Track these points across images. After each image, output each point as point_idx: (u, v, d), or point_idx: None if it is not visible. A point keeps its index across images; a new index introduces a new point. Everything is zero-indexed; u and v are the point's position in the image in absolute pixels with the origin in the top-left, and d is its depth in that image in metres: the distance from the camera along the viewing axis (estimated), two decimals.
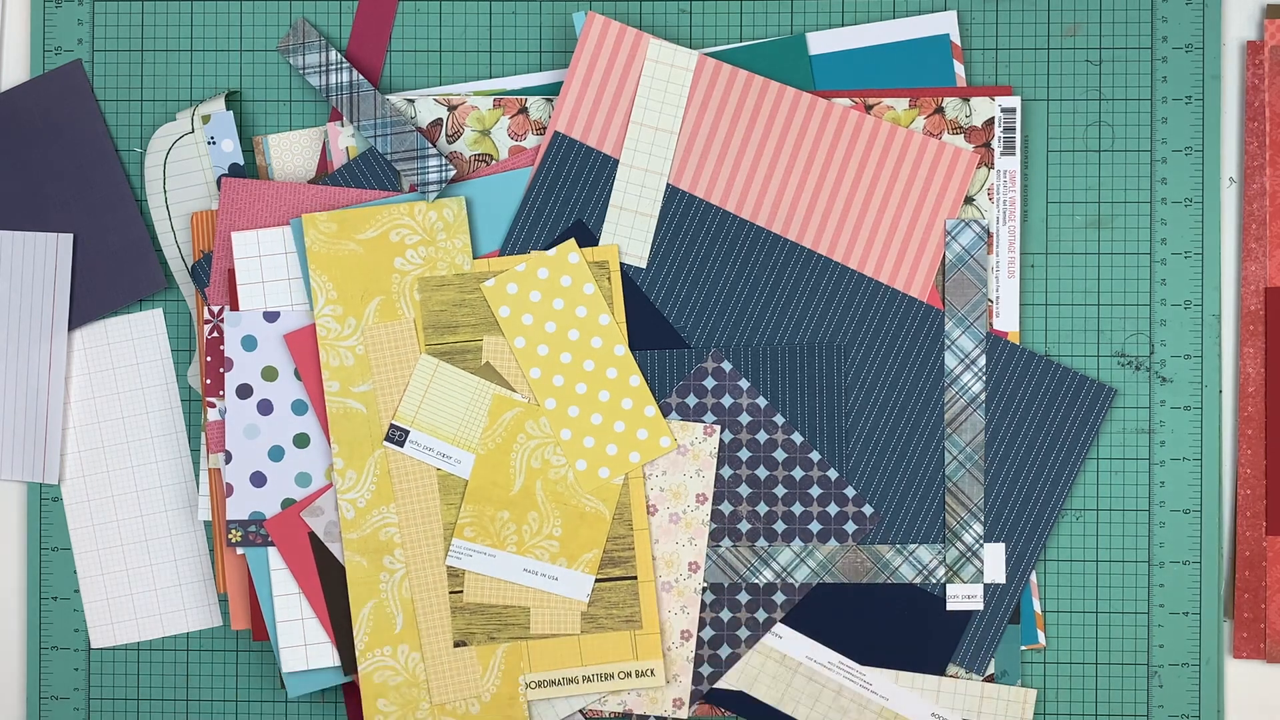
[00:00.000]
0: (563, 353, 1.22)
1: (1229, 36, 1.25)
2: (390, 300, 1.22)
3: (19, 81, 1.27)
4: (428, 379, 1.22)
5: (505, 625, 1.22)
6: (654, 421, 1.22)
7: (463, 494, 1.22)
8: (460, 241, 1.22)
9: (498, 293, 1.22)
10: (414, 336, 1.23)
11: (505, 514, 1.22)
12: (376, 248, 1.22)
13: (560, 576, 1.22)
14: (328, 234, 1.22)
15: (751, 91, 1.23)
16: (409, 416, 1.22)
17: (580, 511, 1.22)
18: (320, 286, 1.22)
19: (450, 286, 1.23)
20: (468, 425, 1.22)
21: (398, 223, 1.22)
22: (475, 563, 1.22)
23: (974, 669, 1.23)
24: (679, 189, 1.23)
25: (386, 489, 1.22)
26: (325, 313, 1.22)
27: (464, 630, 1.22)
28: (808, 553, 1.23)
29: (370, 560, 1.22)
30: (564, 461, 1.22)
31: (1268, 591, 1.23)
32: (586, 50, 1.23)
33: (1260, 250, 1.24)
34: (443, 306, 1.23)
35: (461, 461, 1.22)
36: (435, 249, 1.22)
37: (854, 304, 1.23)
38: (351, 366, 1.22)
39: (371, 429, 1.22)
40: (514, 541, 1.22)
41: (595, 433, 1.22)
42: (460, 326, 1.23)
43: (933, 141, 1.23)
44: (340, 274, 1.22)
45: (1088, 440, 1.23)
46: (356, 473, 1.22)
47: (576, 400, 1.22)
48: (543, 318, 1.23)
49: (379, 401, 1.22)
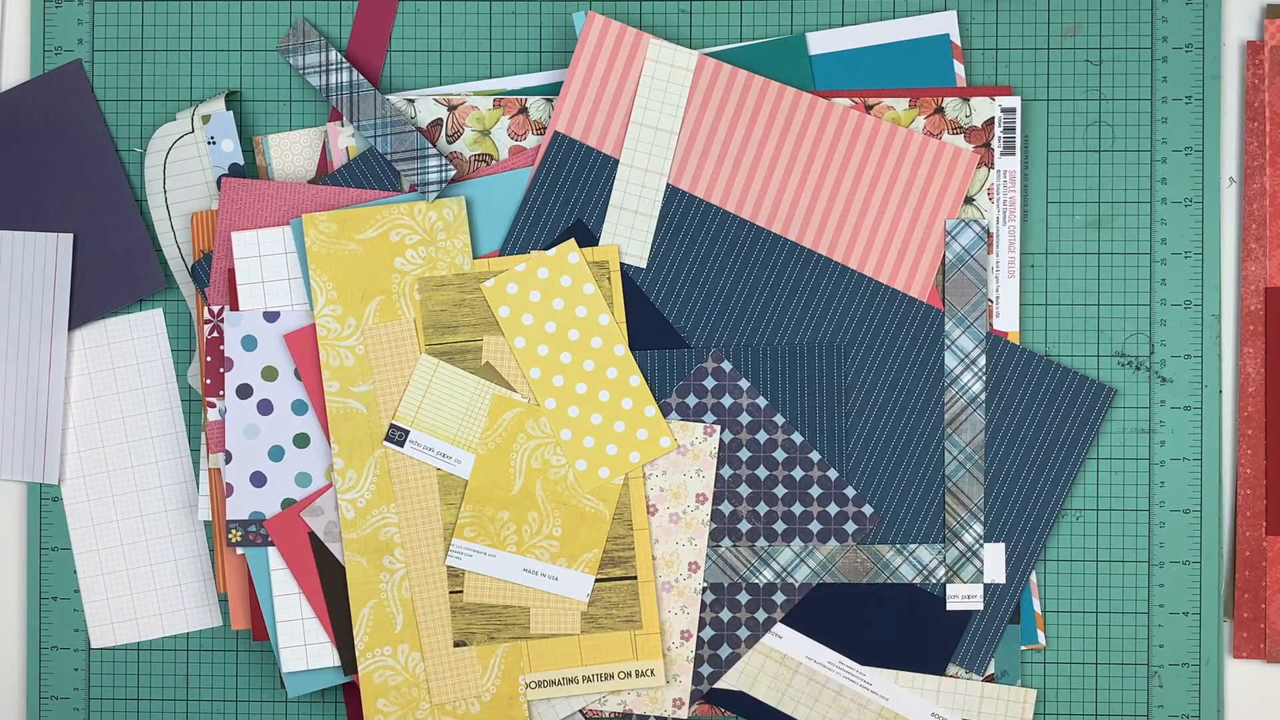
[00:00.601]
0: (563, 353, 1.22)
1: (1229, 36, 1.25)
2: (390, 300, 1.22)
3: (19, 81, 1.27)
4: (428, 379, 1.22)
5: (505, 625, 1.22)
6: (654, 421, 1.22)
7: (463, 494, 1.22)
8: (460, 241, 1.22)
9: (498, 293, 1.22)
10: (414, 336, 1.23)
11: (505, 514, 1.22)
12: (377, 248, 1.22)
13: (560, 576, 1.22)
14: (328, 234, 1.22)
15: (751, 91, 1.23)
16: (409, 416, 1.22)
17: (580, 511, 1.22)
18: (320, 286, 1.22)
19: (450, 286, 1.23)
20: (468, 425, 1.22)
21: (398, 223, 1.22)
22: (475, 563, 1.22)
23: (974, 669, 1.23)
24: (679, 189, 1.23)
25: (386, 489, 1.22)
26: (325, 313, 1.22)
27: (464, 630, 1.22)
28: (808, 553, 1.23)
29: (370, 560, 1.22)
30: (564, 461, 1.22)
31: (1268, 591, 1.23)
32: (586, 50, 1.23)
33: (1260, 250, 1.24)
34: (443, 306, 1.22)
35: (461, 461, 1.22)
36: (435, 249, 1.22)
37: (854, 304, 1.23)
38: (351, 366, 1.22)
39: (371, 429, 1.22)
40: (514, 541, 1.22)
41: (595, 433, 1.22)
42: (460, 326, 1.22)
43: (933, 141, 1.23)
44: (340, 274, 1.22)
45: (1088, 440, 1.23)
46: (356, 473, 1.22)
47: (576, 400, 1.22)
48: (543, 318, 1.23)
49: (379, 401, 1.22)
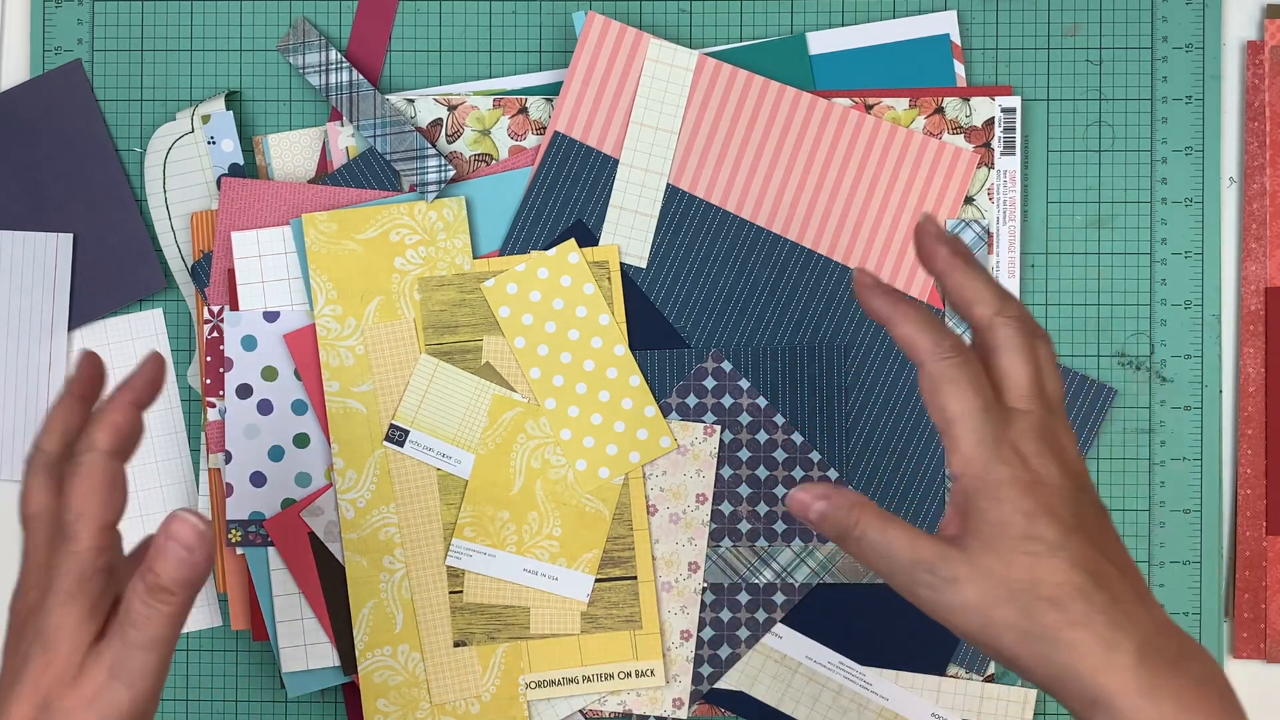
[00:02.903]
0: (563, 353, 1.22)
1: (1229, 36, 1.25)
2: (390, 300, 1.22)
3: (19, 81, 1.27)
4: (428, 379, 1.22)
5: (505, 625, 1.22)
6: (654, 421, 1.22)
7: (463, 494, 1.22)
8: (460, 241, 1.22)
9: (498, 293, 1.22)
10: (414, 337, 1.22)
11: (505, 514, 1.22)
12: (376, 248, 1.22)
13: (560, 576, 1.22)
14: (327, 234, 1.22)
15: (752, 91, 1.23)
16: (409, 416, 1.22)
17: (580, 511, 1.22)
18: (320, 286, 1.22)
19: (450, 286, 1.22)
20: (468, 425, 1.22)
21: (398, 222, 1.22)
22: (475, 563, 1.22)
23: (974, 669, 1.23)
24: (679, 189, 1.23)
25: (386, 489, 1.22)
26: (325, 312, 1.22)
27: (464, 630, 1.22)
28: (808, 553, 1.23)
29: (370, 560, 1.22)
30: (564, 461, 1.22)
31: (1268, 591, 1.23)
32: (586, 50, 1.23)
33: (1260, 250, 1.24)
34: (442, 306, 1.22)
35: (461, 461, 1.22)
36: (435, 249, 1.22)
37: (854, 304, 1.23)
38: (351, 366, 1.22)
39: (371, 429, 1.22)
40: (514, 541, 1.22)
41: (595, 433, 1.22)
42: (460, 326, 1.22)
43: (933, 141, 1.23)
44: (340, 274, 1.22)
45: (1088, 440, 1.23)
46: (356, 472, 1.22)
47: (576, 400, 1.22)
48: (543, 318, 1.22)
49: (379, 401, 1.22)
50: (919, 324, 0.92)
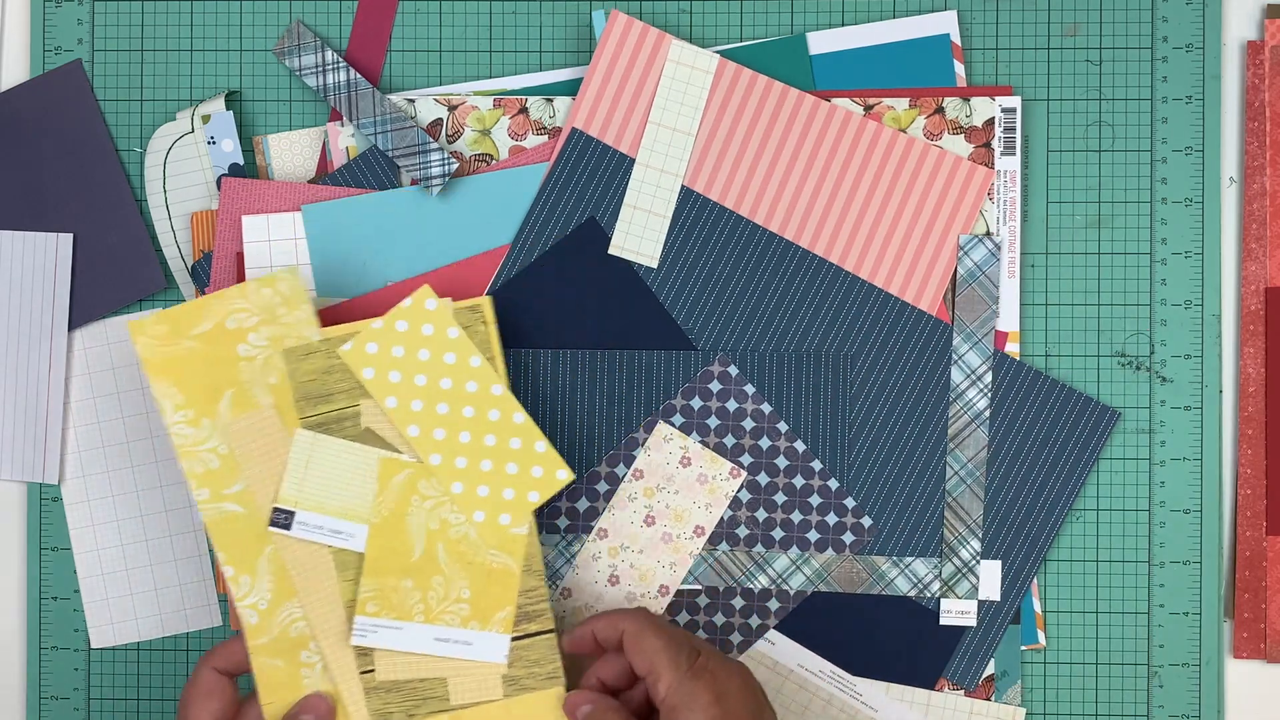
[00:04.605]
0: (438, 404, 1.16)
1: (1229, 36, 1.25)
2: (243, 390, 1.15)
3: (19, 81, 1.27)
4: (306, 454, 1.15)
5: (423, 700, 1.15)
6: (547, 456, 1.16)
7: (359, 568, 1.15)
8: (303, 313, 1.16)
9: (357, 355, 1.16)
10: (277, 422, 1.15)
11: (408, 582, 1.15)
12: (215, 340, 1.15)
13: (474, 640, 1.15)
14: (159, 337, 1.15)
15: (770, 97, 1.23)
16: (292, 497, 1.15)
17: (487, 569, 1.15)
18: (164, 394, 1.15)
19: (317, 354, 1.16)
20: (356, 496, 1.15)
21: (232, 309, 1.15)
22: (382, 638, 1.15)
23: (965, 684, 1.23)
24: (694, 191, 1.23)
25: (286, 584, 1.15)
26: (177, 419, 1.15)
27: (381, 711, 1.15)
28: (803, 560, 1.23)
29: (287, 660, 1.15)
30: (463, 519, 1.16)
31: (1268, 591, 1.23)
32: (608, 48, 1.23)
33: (1260, 250, 1.24)
34: (312, 375, 1.16)
35: (355, 535, 1.15)
36: (278, 326, 1.15)
37: (862, 314, 1.23)
38: (218, 469, 1.15)
39: (255, 528, 1.15)
40: (421, 610, 1.15)
41: (488, 480, 1.16)
42: (334, 394, 1.16)
43: (949, 156, 1.23)
44: (183, 376, 1.15)
45: (1089, 463, 1.23)
46: (251, 577, 1.15)
47: (462, 450, 1.16)
48: (411, 371, 1.16)
49: (256, 498, 1.15)
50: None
